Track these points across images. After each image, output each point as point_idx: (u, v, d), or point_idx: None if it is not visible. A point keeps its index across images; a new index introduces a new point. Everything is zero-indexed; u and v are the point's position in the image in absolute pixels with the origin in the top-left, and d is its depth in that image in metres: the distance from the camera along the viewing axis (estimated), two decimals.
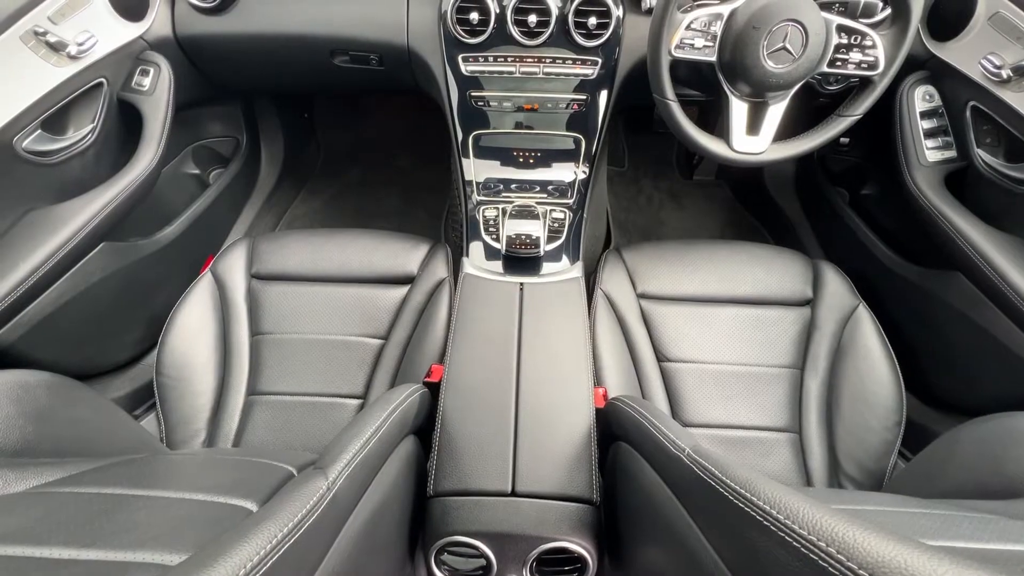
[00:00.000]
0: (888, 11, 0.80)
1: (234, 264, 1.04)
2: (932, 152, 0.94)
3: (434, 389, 0.80)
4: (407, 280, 1.02)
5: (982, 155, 0.88)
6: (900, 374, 0.89)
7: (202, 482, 0.50)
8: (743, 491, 0.34)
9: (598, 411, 0.77)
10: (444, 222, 1.63)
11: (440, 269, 1.02)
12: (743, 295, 0.99)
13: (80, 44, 0.86)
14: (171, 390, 0.92)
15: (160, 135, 1.00)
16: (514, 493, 0.70)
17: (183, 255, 1.18)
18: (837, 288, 0.98)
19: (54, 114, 0.85)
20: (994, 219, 0.86)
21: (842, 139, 1.34)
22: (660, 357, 0.96)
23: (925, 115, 0.95)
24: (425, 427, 0.76)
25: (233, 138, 1.44)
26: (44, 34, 0.81)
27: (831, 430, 0.90)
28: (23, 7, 0.77)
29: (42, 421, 0.62)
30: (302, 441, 0.90)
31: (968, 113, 0.89)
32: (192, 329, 0.97)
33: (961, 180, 0.93)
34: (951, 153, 0.94)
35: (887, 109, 1.00)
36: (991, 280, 0.82)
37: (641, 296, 1.00)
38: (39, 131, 0.83)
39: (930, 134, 0.95)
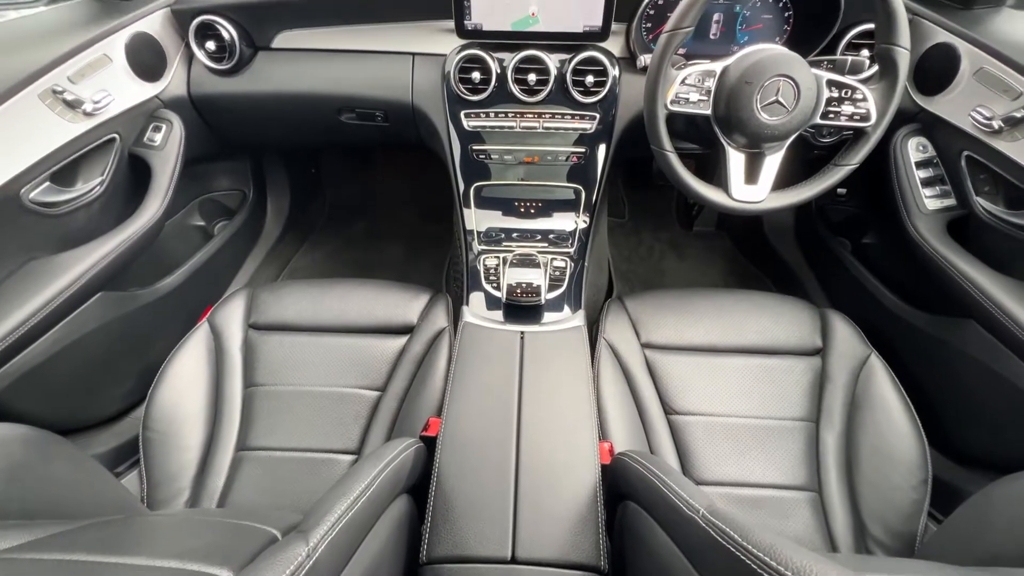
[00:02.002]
0: (875, 68, 0.83)
1: (232, 314, 1.02)
2: (931, 200, 0.95)
3: (431, 444, 0.76)
4: (406, 330, 1.00)
5: (982, 203, 0.88)
6: (921, 427, 0.84)
7: (177, 547, 0.46)
8: (766, 557, 0.31)
9: (604, 468, 0.73)
10: (446, 273, 1.63)
11: (440, 319, 1.00)
12: (750, 344, 0.97)
13: (96, 102, 0.89)
14: (156, 445, 0.88)
15: (167, 188, 1.01)
16: (514, 560, 0.65)
17: (182, 305, 1.18)
18: (847, 337, 0.95)
19: (64, 167, 0.87)
20: (1001, 266, 0.85)
21: (839, 190, 1.36)
22: (667, 409, 0.92)
23: (921, 165, 0.96)
24: (420, 485, 0.72)
25: (240, 191, 1.47)
26: (62, 92, 0.84)
27: (853, 489, 0.85)
28: (43, 68, 0.81)
29: (13, 478, 0.58)
30: (291, 500, 0.85)
31: (963, 163, 0.90)
32: (183, 381, 0.95)
33: (963, 227, 0.93)
34: (950, 201, 0.94)
35: (882, 160, 1.01)
36: (1007, 328, 0.79)
37: (645, 346, 0.98)
38: (48, 183, 0.85)
39: (927, 183, 0.95)
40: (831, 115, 0.83)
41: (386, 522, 0.56)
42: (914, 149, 0.97)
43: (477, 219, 1.07)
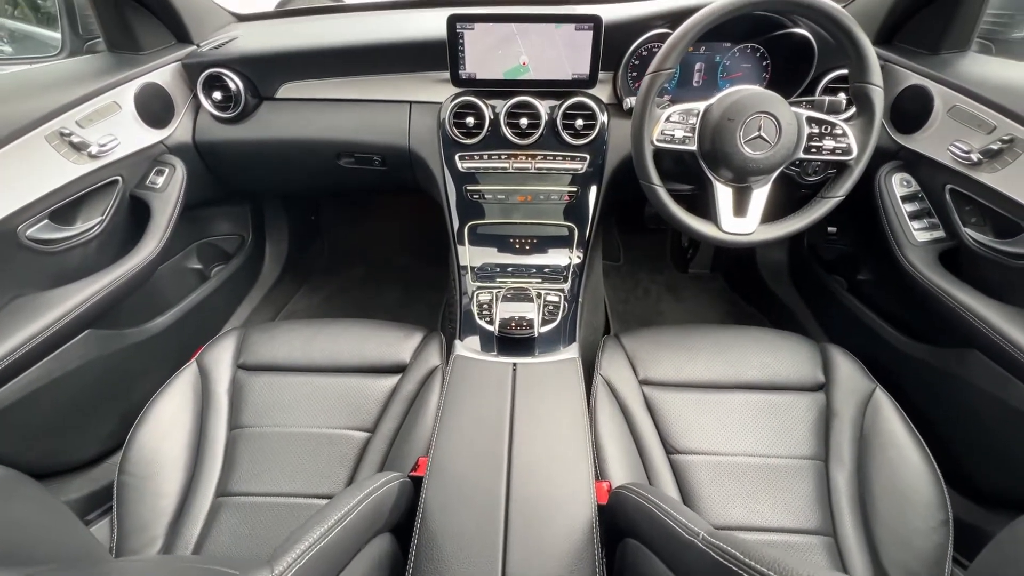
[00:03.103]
0: (853, 109, 0.86)
1: (221, 354, 1.00)
2: (920, 232, 0.96)
3: (419, 484, 0.72)
4: (399, 369, 0.98)
5: (971, 233, 0.89)
6: (935, 464, 0.80)
7: None
8: (772, 573, 0.28)
9: (601, 508, 0.69)
10: (442, 315, 1.62)
11: (433, 357, 0.98)
12: (751, 380, 0.94)
13: (102, 145, 0.92)
14: (131, 491, 0.83)
15: (165, 228, 1.03)
16: None
17: (172, 347, 1.16)
18: (850, 371, 0.93)
19: (65, 206, 0.89)
20: (997, 294, 0.84)
21: (829, 228, 1.38)
22: (669, 449, 0.88)
23: (906, 199, 0.98)
24: (404, 524, 0.67)
25: (239, 236, 1.49)
26: (69, 135, 0.87)
27: (870, 532, 0.79)
28: (52, 112, 0.85)
29: None
30: (270, 549, 0.79)
31: (948, 196, 0.92)
32: (166, 423, 0.91)
33: (955, 258, 0.93)
34: (939, 233, 0.95)
35: (868, 196, 1.03)
36: (1011, 355, 0.77)
37: (643, 382, 0.95)
38: (46, 221, 0.86)
39: (915, 216, 0.97)
40: (813, 150, 0.85)
41: (365, 560, 0.52)
42: (898, 184, 0.99)
43: (471, 255, 1.08)
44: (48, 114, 0.84)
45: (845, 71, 1.01)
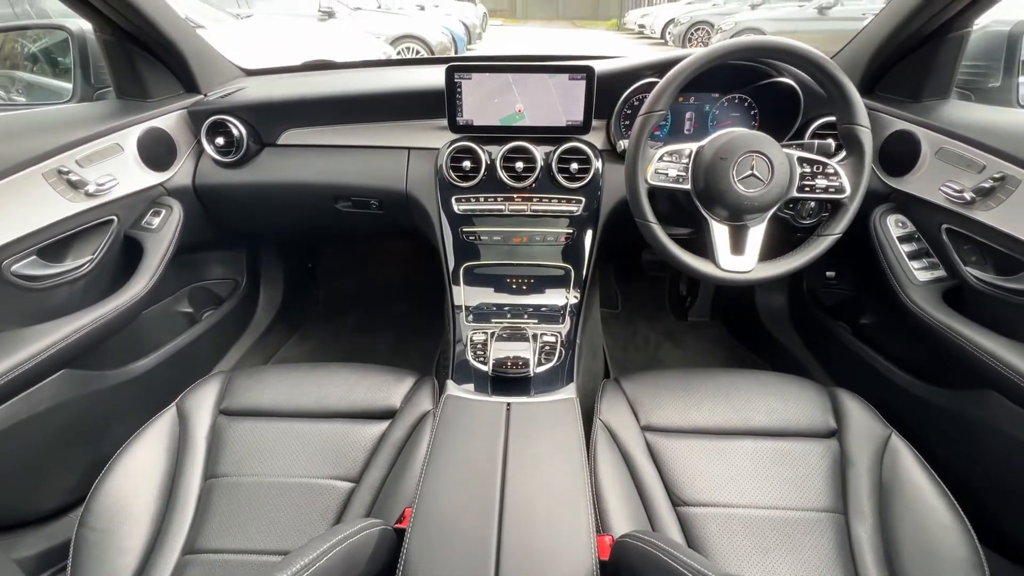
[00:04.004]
0: (843, 154, 0.88)
1: (203, 399, 0.96)
2: (921, 272, 0.94)
3: (403, 536, 0.66)
4: (388, 415, 0.93)
5: (973, 272, 0.88)
6: (965, 518, 0.74)
7: None
8: None
9: (604, 564, 0.62)
10: (436, 361, 1.58)
11: (425, 402, 0.94)
12: (759, 426, 0.90)
13: (100, 184, 0.93)
14: (90, 546, 0.76)
15: (156, 268, 1.01)
16: None
17: (153, 391, 1.11)
18: (862, 417, 0.88)
19: (55, 243, 0.88)
20: (1007, 332, 0.81)
21: (828, 272, 1.37)
22: (675, 500, 0.82)
23: (903, 239, 0.98)
24: None
25: (233, 280, 1.48)
26: (67, 173, 0.88)
27: None
28: (52, 150, 0.86)
29: None
30: None
31: (945, 236, 0.91)
32: (136, 472, 0.85)
33: (959, 298, 0.91)
34: (940, 272, 0.93)
35: (865, 238, 1.03)
36: None
37: (646, 428, 0.90)
38: (33, 257, 0.85)
39: (913, 256, 0.96)
40: (807, 188, 0.86)
41: None
42: (893, 225, 0.99)
43: (467, 295, 1.06)
44: (48, 152, 0.85)
45: (832, 118, 1.04)
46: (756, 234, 0.87)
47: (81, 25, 1.09)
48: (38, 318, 0.86)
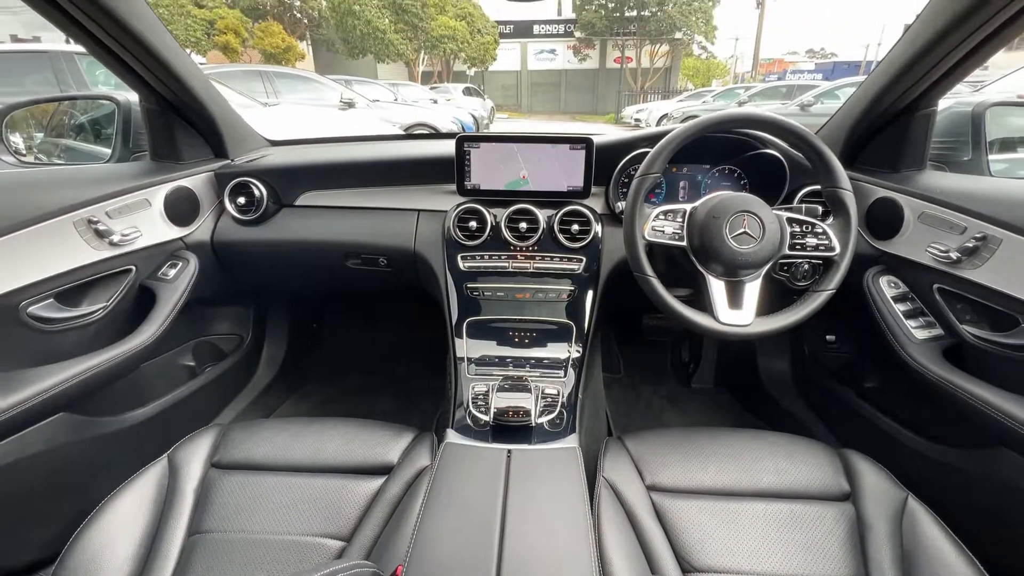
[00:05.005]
0: (831, 218, 0.93)
1: (195, 451, 0.93)
2: (919, 331, 0.95)
3: None
4: (384, 470, 0.90)
5: (969, 330, 0.89)
6: None
7: None
8: None
9: None
10: (436, 420, 1.54)
11: (423, 458, 0.91)
12: (769, 488, 0.86)
13: (124, 235, 0.98)
14: None
15: (165, 317, 1.03)
16: None
17: (146, 442, 1.08)
18: (877, 479, 0.85)
19: (73, 288, 0.91)
20: (1012, 388, 0.81)
21: (828, 336, 1.38)
22: (685, 566, 0.77)
23: (897, 299, 1.00)
24: None
25: (238, 336, 1.49)
26: (96, 223, 0.93)
27: None
28: (86, 201, 0.91)
29: None
30: None
31: (937, 295, 0.94)
32: (117, 525, 0.81)
33: (959, 355, 0.91)
34: (938, 331, 0.94)
35: (860, 302, 1.05)
36: None
37: (651, 488, 0.87)
38: (51, 300, 0.87)
39: (910, 315, 0.97)
40: (798, 247, 0.90)
41: None
42: (886, 285, 1.02)
43: (469, 347, 1.07)
44: (81, 203, 0.91)
45: (817, 186, 1.10)
46: (752, 289, 0.90)
47: (128, 97, 1.21)
48: (45, 360, 0.87)
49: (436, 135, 1.45)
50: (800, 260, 0.94)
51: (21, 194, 0.88)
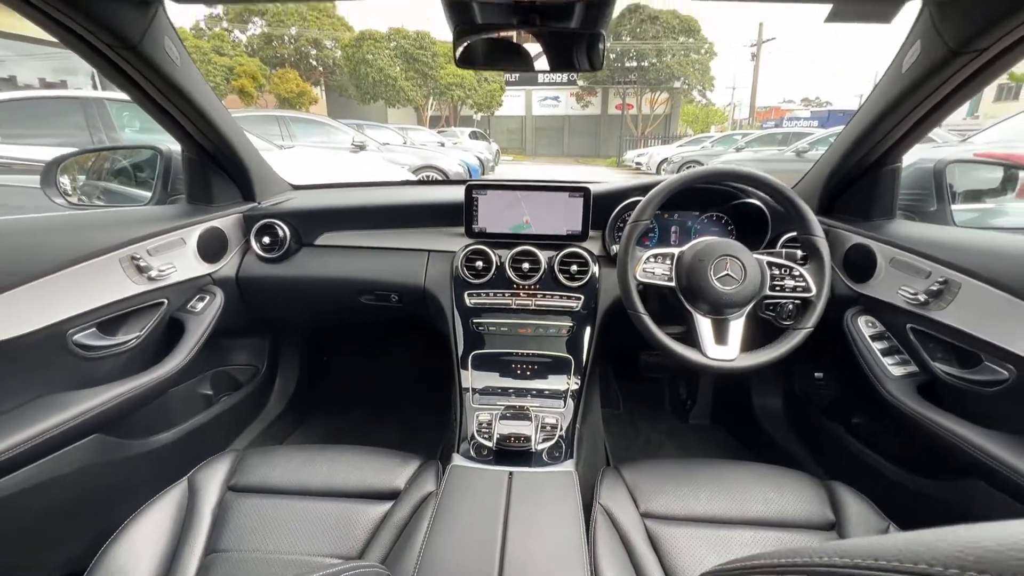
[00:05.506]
0: (808, 264, 1.02)
1: (214, 475, 0.99)
2: (895, 368, 1.02)
3: None
4: (392, 495, 0.96)
5: (940, 367, 0.95)
6: None
7: None
8: None
9: None
10: (440, 450, 1.58)
11: (429, 484, 0.97)
12: (757, 517, 0.91)
13: (161, 270, 1.07)
14: None
15: (192, 347, 1.11)
16: None
17: (168, 465, 1.14)
18: (860, 509, 0.90)
19: (113, 319, 0.99)
20: (981, 422, 0.86)
21: (816, 374, 1.44)
22: None
23: (875, 338, 1.07)
24: None
25: (254, 367, 1.56)
26: (138, 259, 1.02)
27: None
28: (132, 240, 1.01)
29: None
30: None
31: (911, 334, 1.01)
32: (140, 544, 0.86)
33: (932, 390, 0.97)
34: (913, 368, 1.01)
35: (841, 339, 1.12)
36: (1015, 483, 0.77)
37: (645, 515, 0.91)
38: (93, 329, 0.96)
39: (886, 353, 1.04)
40: (777, 288, 0.98)
41: None
42: (864, 324, 1.09)
43: (474, 378, 1.13)
44: (128, 240, 1.00)
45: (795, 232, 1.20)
46: (736, 327, 0.97)
47: (169, 146, 1.34)
48: (83, 384, 0.94)
49: (445, 181, 1.56)
50: (783, 300, 1.02)
51: (84, 233, 0.98)
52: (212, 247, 1.23)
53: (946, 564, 0.20)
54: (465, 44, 0.88)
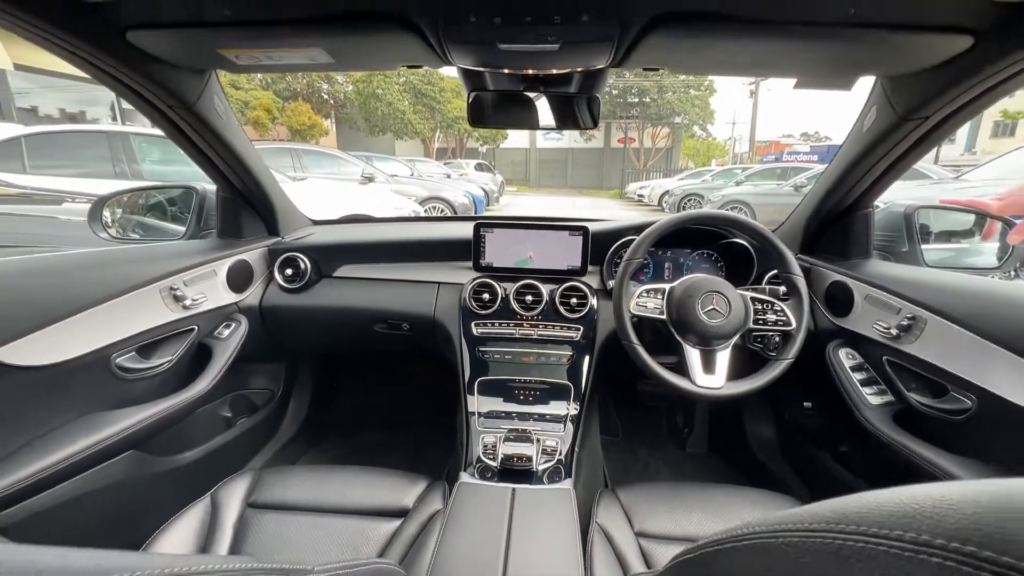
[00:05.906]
0: (788, 299, 1.10)
1: (234, 492, 1.06)
2: (873, 397, 1.09)
3: None
4: (401, 513, 1.02)
5: (914, 397, 1.03)
6: None
7: None
8: None
9: None
10: (446, 472, 1.64)
11: (436, 502, 1.03)
12: None
13: (194, 299, 1.17)
14: None
15: (218, 372, 1.20)
16: None
17: (191, 482, 1.21)
18: None
19: (150, 343, 1.09)
20: (952, 449, 0.93)
21: (805, 403, 1.51)
22: None
23: (854, 368, 1.14)
24: None
25: (270, 391, 1.64)
26: (176, 289, 1.12)
27: None
28: (171, 272, 1.12)
29: None
30: None
31: (887, 366, 1.08)
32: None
33: (907, 418, 1.04)
34: (889, 397, 1.08)
35: (824, 371, 1.20)
36: None
37: (639, 535, 0.97)
38: (133, 352, 1.05)
39: (865, 383, 1.12)
40: (760, 321, 1.07)
41: None
42: (845, 356, 1.17)
43: (480, 403, 1.21)
44: (168, 273, 1.11)
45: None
46: (723, 357, 1.06)
47: (204, 186, 1.47)
48: (121, 404, 1.03)
49: (455, 217, 1.67)
50: (767, 332, 1.11)
51: (130, 267, 1.08)
52: (239, 278, 1.34)
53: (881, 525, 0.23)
54: (478, 106, 1.01)
